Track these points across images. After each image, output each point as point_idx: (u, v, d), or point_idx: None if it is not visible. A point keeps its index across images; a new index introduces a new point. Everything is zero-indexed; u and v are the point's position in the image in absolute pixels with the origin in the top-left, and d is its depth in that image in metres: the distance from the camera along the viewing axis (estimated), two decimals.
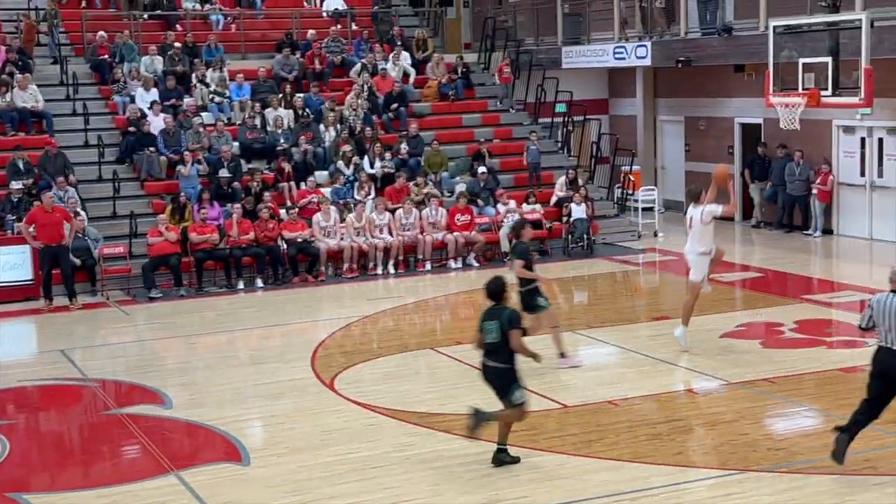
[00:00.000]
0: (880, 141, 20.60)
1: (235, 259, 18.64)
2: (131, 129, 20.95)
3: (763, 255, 20.44)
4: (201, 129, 21.19)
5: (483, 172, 21.34)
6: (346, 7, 26.59)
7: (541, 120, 24.65)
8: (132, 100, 21.92)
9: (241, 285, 18.55)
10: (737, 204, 13.81)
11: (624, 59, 23.80)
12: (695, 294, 13.31)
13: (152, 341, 15.58)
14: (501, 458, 9.58)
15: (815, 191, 21.38)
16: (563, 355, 12.83)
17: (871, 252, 20.07)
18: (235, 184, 20.16)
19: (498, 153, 23.02)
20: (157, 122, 21.15)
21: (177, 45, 23.42)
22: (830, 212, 21.50)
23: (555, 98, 24.70)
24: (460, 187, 21.32)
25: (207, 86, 22.79)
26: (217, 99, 22.62)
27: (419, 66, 24.98)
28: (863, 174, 20.92)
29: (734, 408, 10.94)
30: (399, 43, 24.98)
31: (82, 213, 18.64)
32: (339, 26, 25.57)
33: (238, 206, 19.11)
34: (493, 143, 23.17)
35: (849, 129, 21.21)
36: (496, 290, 9.58)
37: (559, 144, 24.46)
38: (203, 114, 22.04)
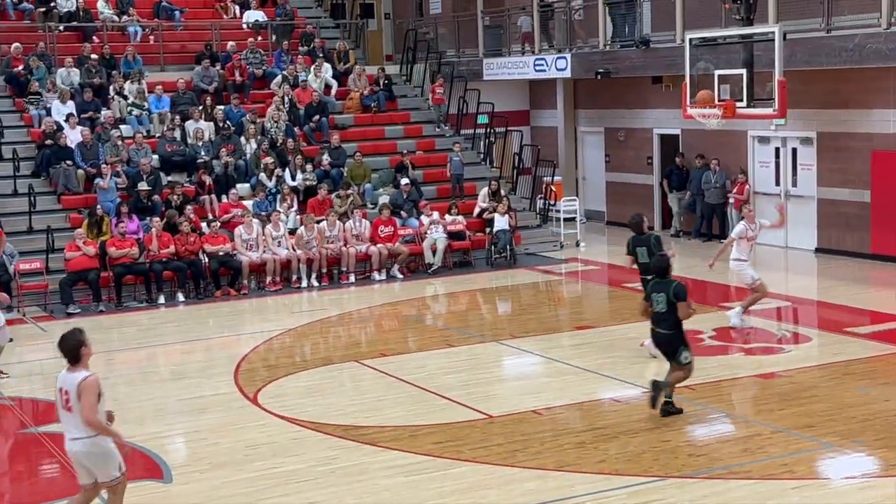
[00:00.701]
0: (794, 151, 21.06)
1: (156, 273, 18.40)
2: (47, 142, 20.59)
3: (682, 263, 20.66)
4: (119, 142, 20.91)
5: (406, 184, 21.36)
6: (266, 19, 26.44)
7: (463, 131, 24.77)
8: (48, 112, 21.55)
9: (161, 300, 18.31)
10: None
11: (544, 70, 24.04)
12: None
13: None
14: (668, 409, 10.84)
15: (731, 200, 21.77)
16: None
17: (786, 260, 20.50)
18: (155, 197, 19.92)
19: (421, 165, 23.06)
20: (73, 135, 20.81)
21: (94, 56, 23.09)
22: None
23: (476, 109, 24.84)
24: (383, 199, 21.31)
25: (126, 98, 22.50)
26: (135, 111, 22.33)
27: (341, 77, 24.95)
28: (778, 184, 21.36)
29: (656, 415, 11.06)
30: (320, 55, 24.92)
31: None
32: (259, 38, 25.43)
33: (158, 219, 18.88)
34: (415, 155, 23.21)
35: (764, 140, 21.65)
36: (663, 266, 11.16)
37: (481, 156, 24.59)
38: (122, 126, 21.75)
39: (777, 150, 21.39)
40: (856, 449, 9.89)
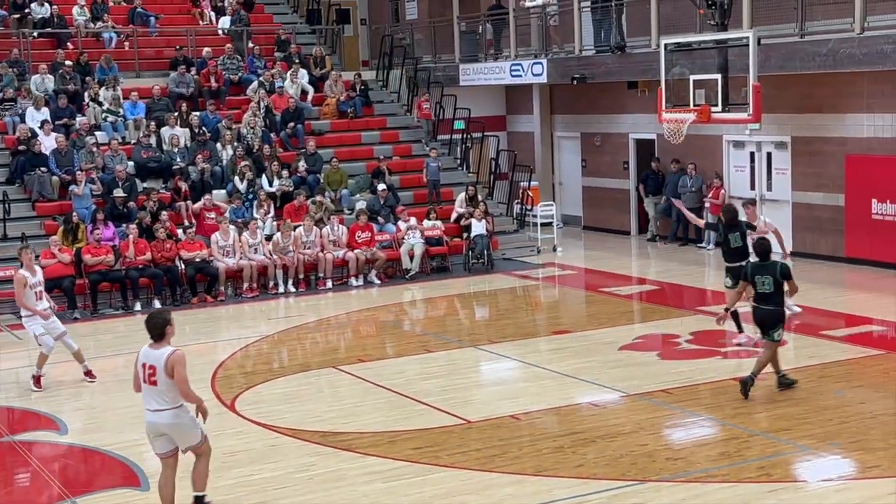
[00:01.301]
0: (769, 155, 21.18)
1: (132, 280, 18.32)
2: (21, 148, 20.47)
3: (659, 267, 20.84)
4: (95, 149, 20.81)
5: (383, 190, 21.35)
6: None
7: (439, 137, 24.79)
8: (22, 119, 21.41)
9: (138, 307, 18.22)
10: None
11: (520, 76, 24.09)
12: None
13: (46, 366, 15.17)
14: (783, 382, 11.82)
15: (707, 204, 21.87)
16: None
17: None
18: (131, 204, 19.84)
19: (398, 170, 23.06)
20: (48, 142, 20.70)
21: (67, 63, 22.97)
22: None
23: (453, 115, 24.86)
24: (360, 204, 21.29)
25: (101, 104, 22.40)
26: (111, 118, 22.24)
27: (317, 83, 24.92)
28: (753, 188, 21.47)
29: (633, 419, 11.11)
30: (296, 60, 24.89)
31: None
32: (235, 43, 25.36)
33: (134, 226, 18.80)
34: (392, 161, 23.20)
35: (739, 144, 21.77)
36: (766, 249, 11.80)
37: (458, 161, 24.61)
38: (97, 133, 21.66)
39: (752, 154, 21.51)
40: (832, 451, 9.95)
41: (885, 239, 18.50)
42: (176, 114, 22.38)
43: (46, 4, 24.87)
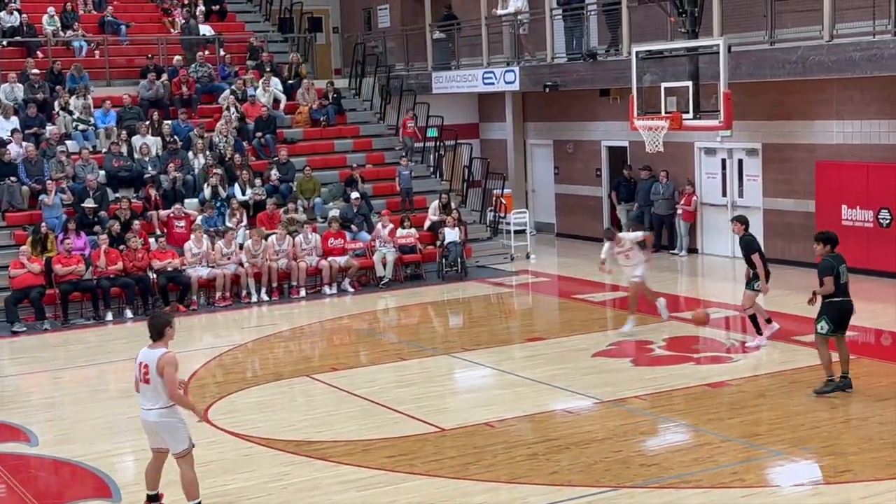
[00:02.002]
0: (740, 162, 21.31)
1: (103, 290, 18.19)
2: None
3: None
4: (65, 158, 20.67)
5: (356, 198, 21.32)
6: (213, 33, 26.29)
7: (413, 145, 24.76)
8: None
9: (109, 317, 18.10)
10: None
11: (493, 84, 24.14)
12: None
13: (16, 377, 15.06)
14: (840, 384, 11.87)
15: (679, 211, 21.97)
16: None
17: (734, 270, 20.66)
18: (102, 213, 19.71)
19: (371, 178, 23.03)
20: (18, 151, 20.54)
21: (36, 72, 22.81)
22: (695, 231, 22.14)
23: (426, 123, 24.87)
24: (334, 213, 21.25)
25: (71, 113, 22.25)
26: (81, 126, 22.09)
27: (290, 91, 24.87)
28: (724, 194, 21.60)
29: (607, 426, 11.14)
30: (268, 69, 24.83)
31: None
32: (206, 52, 25.28)
33: (105, 235, 18.68)
34: (365, 169, 23.17)
35: (710, 151, 21.89)
36: (835, 238, 11.92)
37: (431, 169, 24.62)
38: (67, 142, 21.51)
39: (723, 161, 21.63)
40: (804, 456, 10.01)
41: (855, 244, 18.61)
42: (147, 122, 22.26)
43: (16, 13, 24.67)
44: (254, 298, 19.17)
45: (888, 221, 18.50)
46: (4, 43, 24.31)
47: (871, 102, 18.67)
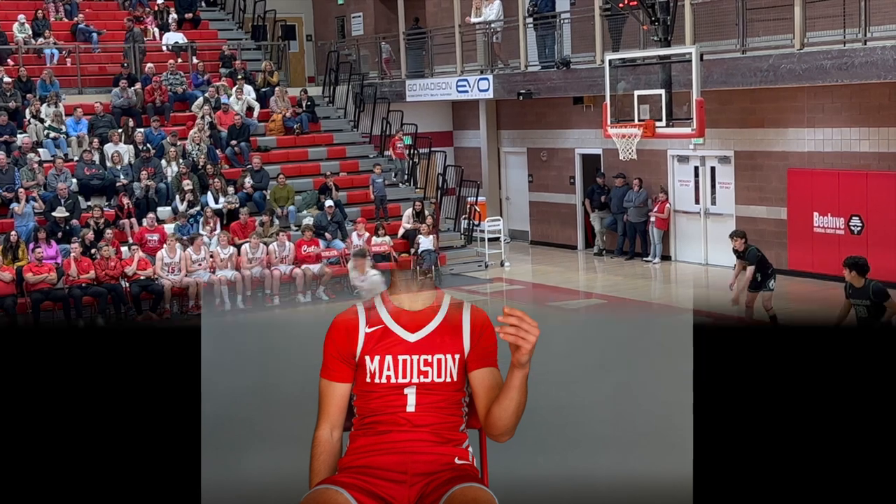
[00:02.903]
0: (713, 170, 21.42)
1: (75, 299, 18.07)
2: None
3: (605, 281, 20.97)
4: (36, 166, 20.52)
5: (330, 206, 21.28)
6: (186, 40, 26.20)
7: (386, 152, 24.77)
8: None
9: (81, 325, 17.97)
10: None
11: (467, 91, 24.17)
12: None
13: None
14: None
15: (653, 219, 22.06)
16: None
17: (706, 277, 20.81)
18: (73, 221, 19.57)
19: (345, 186, 23.00)
20: None
21: (7, 80, 22.65)
22: (668, 239, 22.22)
23: (401, 129, 24.85)
24: (308, 221, 21.19)
25: (42, 121, 22.10)
26: (53, 135, 21.95)
27: (264, 99, 24.81)
28: (697, 202, 21.70)
29: None
30: (241, 77, 24.76)
31: None
32: (179, 59, 25.19)
33: (77, 244, 18.55)
34: (339, 177, 23.14)
35: (683, 159, 21.99)
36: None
37: (405, 177, 24.60)
38: (39, 150, 21.36)
39: (696, 168, 21.73)
40: None
41: (827, 251, 18.76)
42: (119, 130, 22.14)
43: None
44: (227, 307, 19.07)
45: (859, 228, 18.64)
46: None
47: (841, 110, 18.81)
